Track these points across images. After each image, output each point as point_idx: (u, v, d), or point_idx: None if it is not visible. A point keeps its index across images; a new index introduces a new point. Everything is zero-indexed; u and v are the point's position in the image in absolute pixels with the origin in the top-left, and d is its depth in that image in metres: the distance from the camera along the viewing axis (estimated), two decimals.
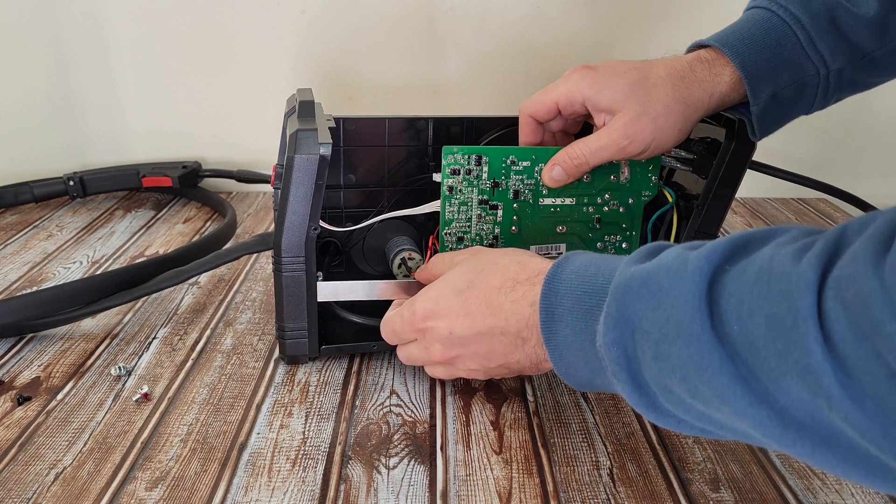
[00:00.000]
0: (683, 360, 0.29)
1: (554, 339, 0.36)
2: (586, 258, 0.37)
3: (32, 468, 0.42)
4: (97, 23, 0.86)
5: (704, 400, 0.29)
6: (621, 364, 0.32)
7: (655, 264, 0.31)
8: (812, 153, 0.93)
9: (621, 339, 0.32)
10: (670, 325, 0.29)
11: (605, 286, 0.33)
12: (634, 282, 0.32)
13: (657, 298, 0.30)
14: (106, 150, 0.92)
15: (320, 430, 0.46)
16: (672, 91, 0.46)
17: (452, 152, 0.49)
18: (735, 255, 0.29)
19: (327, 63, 0.88)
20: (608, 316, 0.32)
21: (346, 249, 0.57)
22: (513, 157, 0.50)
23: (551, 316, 0.36)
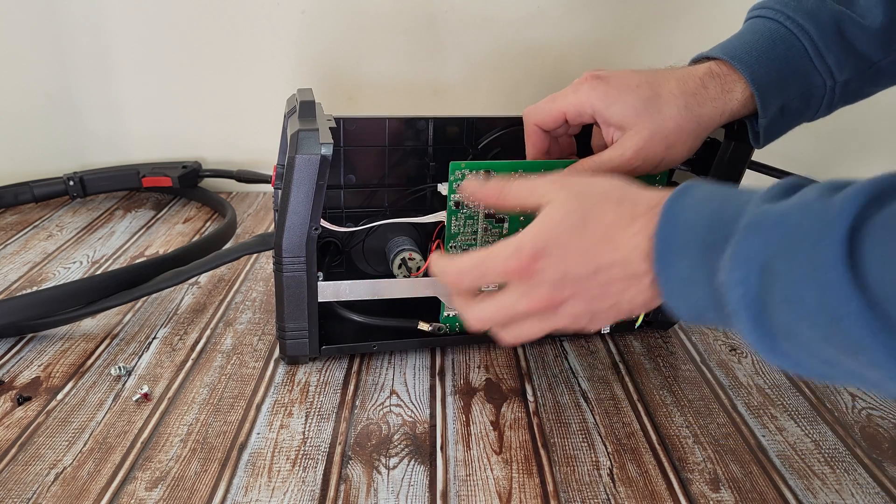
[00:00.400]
0: (817, 305, 0.27)
1: (668, 272, 0.34)
2: (706, 189, 0.35)
3: (32, 468, 0.42)
4: (97, 23, 0.86)
5: (836, 346, 0.28)
6: (745, 304, 0.30)
7: (794, 203, 0.30)
8: (812, 153, 0.93)
9: (747, 278, 0.30)
10: (805, 267, 0.28)
11: (733, 221, 0.32)
12: (768, 220, 0.30)
13: (793, 238, 0.28)
14: (106, 150, 0.92)
15: (320, 430, 0.46)
16: (685, 109, 0.46)
17: (460, 167, 0.48)
18: (884, 197, 0.27)
19: (327, 63, 0.88)
20: (736, 254, 0.31)
21: (346, 249, 0.57)
22: (521, 172, 0.49)
23: (668, 250, 0.34)
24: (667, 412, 0.49)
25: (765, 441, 0.47)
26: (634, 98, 0.45)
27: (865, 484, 0.43)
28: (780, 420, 0.49)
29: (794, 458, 0.45)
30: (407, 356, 0.55)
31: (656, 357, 0.56)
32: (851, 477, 0.44)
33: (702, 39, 0.87)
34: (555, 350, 0.57)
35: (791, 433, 0.48)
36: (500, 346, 0.57)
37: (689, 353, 0.57)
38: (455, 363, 0.54)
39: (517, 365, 0.54)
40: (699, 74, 0.47)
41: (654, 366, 0.55)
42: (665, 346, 0.58)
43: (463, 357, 0.55)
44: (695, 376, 0.54)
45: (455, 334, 0.55)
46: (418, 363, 0.54)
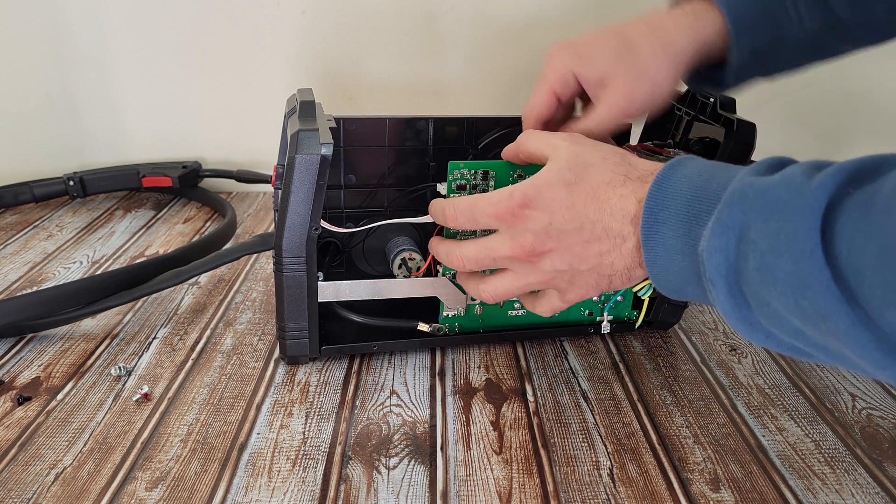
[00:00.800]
0: (789, 274, 0.28)
1: (653, 239, 0.35)
2: (700, 164, 0.36)
3: (32, 468, 0.42)
4: (97, 23, 0.86)
5: (803, 316, 0.29)
6: (720, 271, 0.32)
7: (778, 178, 0.31)
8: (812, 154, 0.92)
9: (725, 246, 0.31)
10: (781, 238, 0.29)
11: (719, 192, 0.33)
12: (751, 190, 0.31)
13: (772, 210, 0.30)
14: (106, 150, 0.92)
15: (320, 430, 0.46)
16: (657, 43, 0.47)
17: (459, 167, 0.48)
18: (862, 178, 0.28)
19: (327, 63, 0.88)
20: (717, 221, 0.32)
21: (346, 249, 0.57)
22: (520, 172, 0.49)
23: (655, 217, 0.35)
24: (667, 412, 0.49)
25: (765, 441, 0.47)
26: (607, 48, 0.47)
27: (865, 484, 0.43)
28: (780, 420, 0.49)
29: (794, 458, 0.45)
30: (407, 356, 0.55)
31: (656, 357, 0.56)
32: (851, 477, 0.44)
33: None
34: (555, 350, 0.57)
35: (791, 433, 0.48)
36: (500, 347, 0.57)
37: (689, 353, 0.57)
38: (455, 363, 0.54)
39: (517, 365, 0.54)
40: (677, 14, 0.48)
41: (654, 366, 0.55)
42: (665, 346, 0.58)
43: (463, 357, 0.55)
44: (695, 376, 0.54)
45: (455, 334, 0.55)
46: (418, 363, 0.54)
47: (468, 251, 0.44)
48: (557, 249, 0.39)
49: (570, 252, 0.39)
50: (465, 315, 0.55)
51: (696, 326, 0.61)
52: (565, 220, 0.39)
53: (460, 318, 0.55)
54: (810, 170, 0.30)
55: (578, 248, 0.39)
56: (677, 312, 0.59)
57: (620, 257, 0.38)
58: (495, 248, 0.42)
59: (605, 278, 0.40)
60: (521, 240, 0.40)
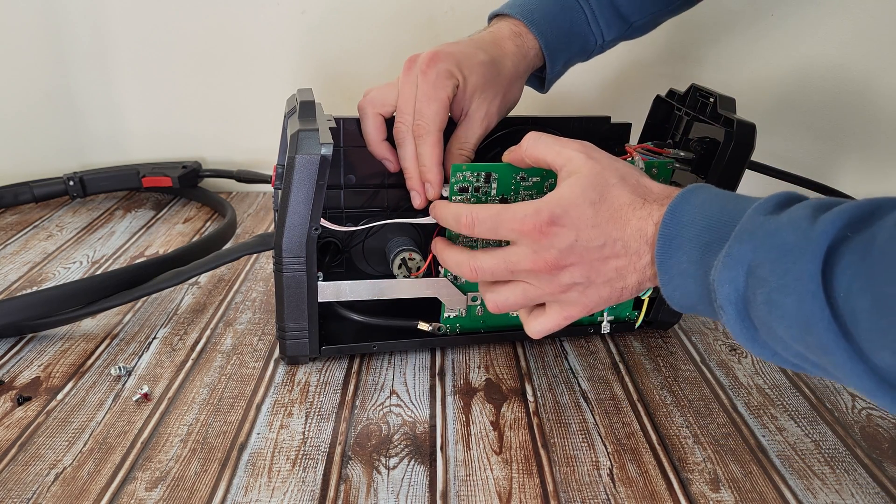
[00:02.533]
0: (794, 311, 0.31)
1: (668, 262, 0.38)
2: (712, 193, 0.38)
3: (32, 468, 0.42)
4: (97, 23, 0.86)
5: (805, 346, 0.32)
6: (730, 300, 0.34)
7: (785, 220, 0.33)
8: (812, 153, 0.93)
9: (735, 278, 0.34)
10: (789, 278, 0.31)
11: (729, 226, 0.35)
12: (760, 231, 0.34)
13: (779, 252, 0.32)
14: (106, 150, 0.92)
15: (320, 430, 0.46)
16: (513, 66, 0.54)
17: (461, 169, 0.48)
18: (860, 223, 0.31)
19: (327, 63, 0.88)
20: (728, 255, 0.34)
21: (346, 249, 0.57)
22: (523, 174, 0.49)
23: (669, 242, 0.38)
24: (667, 412, 0.49)
25: (765, 441, 0.47)
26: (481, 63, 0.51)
27: (865, 484, 0.43)
28: (780, 420, 0.49)
29: (794, 458, 0.45)
30: (407, 356, 0.55)
31: (656, 357, 0.56)
32: (851, 477, 0.44)
33: (701, 39, 0.86)
34: (555, 350, 0.57)
35: (791, 433, 0.48)
36: (500, 347, 0.57)
37: (689, 353, 0.57)
38: (455, 363, 0.54)
39: (517, 365, 0.54)
40: (507, 35, 0.55)
41: (654, 366, 0.55)
42: (665, 346, 0.58)
43: (463, 357, 0.55)
44: (695, 376, 0.54)
45: (455, 334, 0.55)
46: (418, 363, 0.54)
47: (485, 263, 0.44)
48: (578, 264, 0.41)
49: (590, 266, 0.41)
50: (466, 316, 0.55)
51: (696, 326, 0.61)
52: (590, 237, 0.40)
53: (461, 318, 0.55)
54: (814, 212, 0.32)
55: (598, 262, 0.41)
56: (677, 313, 0.59)
57: (635, 272, 0.41)
58: (515, 262, 0.42)
59: (618, 291, 0.42)
60: (546, 255, 0.41)
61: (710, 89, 0.54)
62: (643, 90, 0.89)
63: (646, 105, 0.62)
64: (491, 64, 0.52)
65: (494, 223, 0.43)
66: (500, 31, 0.55)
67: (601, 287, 0.42)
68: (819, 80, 0.89)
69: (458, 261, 0.46)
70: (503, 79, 0.53)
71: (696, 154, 0.53)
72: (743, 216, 0.35)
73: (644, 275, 0.41)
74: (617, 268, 0.41)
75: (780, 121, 0.91)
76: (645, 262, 0.40)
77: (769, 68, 0.89)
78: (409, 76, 0.50)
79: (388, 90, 0.52)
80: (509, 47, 0.54)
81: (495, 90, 0.52)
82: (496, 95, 0.52)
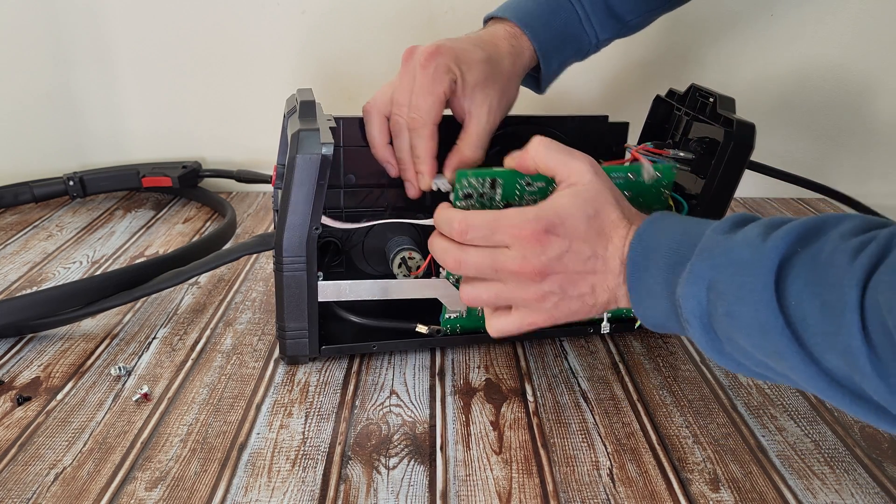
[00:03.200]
0: (751, 320, 0.34)
1: (637, 285, 0.40)
2: (675, 219, 0.41)
3: (32, 468, 0.42)
4: (97, 22, 0.86)
5: (764, 353, 0.34)
6: (695, 314, 0.37)
7: (740, 238, 0.36)
8: (812, 153, 0.93)
9: (697, 293, 0.36)
10: (745, 290, 0.34)
11: (691, 246, 0.38)
12: (718, 248, 0.36)
13: (736, 267, 0.35)
14: (106, 150, 0.92)
15: (320, 430, 0.46)
16: (511, 65, 0.54)
17: (466, 176, 0.48)
18: (808, 238, 0.33)
19: (327, 63, 0.88)
20: (690, 272, 0.37)
21: (346, 249, 0.57)
22: (528, 179, 0.49)
23: (637, 265, 0.40)
24: (667, 412, 0.49)
25: (764, 441, 0.47)
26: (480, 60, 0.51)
27: (865, 484, 0.43)
28: (780, 420, 0.49)
29: (794, 458, 0.45)
30: (407, 356, 0.55)
31: (656, 357, 0.56)
32: (851, 477, 0.44)
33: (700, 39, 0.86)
34: (555, 350, 0.57)
35: (791, 433, 0.48)
36: (499, 347, 0.57)
37: (689, 353, 0.57)
38: (455, 363, 0.54)
39: (517, 365, 0.54)
40: (504, 35, 0.55)
41: (654, 366, 0.55)
42: (665, 346, 0.58)
43: (463, 357, 0.55)
44: (695, 376, 0.54)
45: (455, 334, 0.55)
46: (418, 363, 0.54)
47: (471, 258, 0.44)
48: (561, 274, 0.42)
49: (570, 279, 0.42)
50: (466, 316, 0.55)
51: None
52: (579, 250, 0.42)
53: (462, 319, 0.55)
54: (766, 230, 0.35)
55: (578, 276, 0.42)
56: None
57: (606, 291, 0.43)
58: (502, 262, 0.43)
59: (587, 307, 0.44)
60: (534, 261, 0.42)
61: (709, 89, 0.54)
62: (641, 90, 0.89)
63: (644, 104, 0.62)
64: (489, 61, 0.52)
65: (490, 229, 0.43)
66: (495, 32, 0.55)
67: (573, 300, 0.43)
68: (819, 79, 0.89)
69: (444, 248, 0.45)
70: (502, 76, 0.53)
71: (696, 154, 0.53)
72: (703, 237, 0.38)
73: (613, 294, 0.43)
74: (592, 283, 0.42)
75: (780, 120, 0.91)
76: (617, 283, 0.42)
77: (769, 68, 0.89)
78: (406, 68, 0.51)
79: (390, 91, 0.52)
80: (505, 47, 0.54)
81: (495, 87, 0.53)
82: (497, 92, 0.53)
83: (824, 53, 0.87)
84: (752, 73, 0.89)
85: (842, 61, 0.88)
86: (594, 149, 0.61)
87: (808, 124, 0.91)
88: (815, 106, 0.90)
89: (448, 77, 0.50)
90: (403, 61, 0.51)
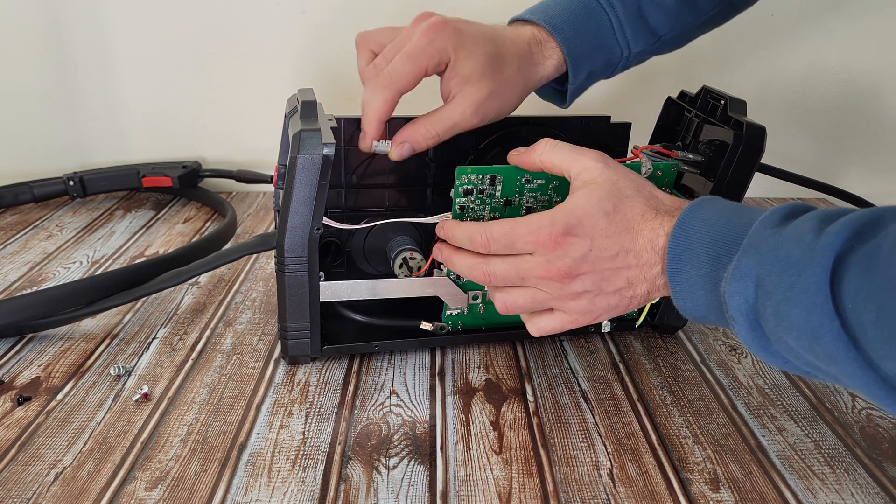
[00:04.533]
0: (802, 322, 0.32)
1: (678, 276, 0.39)
2: (719, 206, 0.39)
3: (32, 468, 0.42)
4: (98, 23, 0.86)
5: (816, 356, 0.33)
6: (741, 311, 0.35)
7: (790, 234, 0.34)
8: (812, 153, 0.93)
9: (744, 290, 0.35)
10: (795, 290, 0.32)
11: (737, 239, 0.36)
12: (766, 245, 0.34)
13: (785, 265, 0.33)
14: (106, 150, 0.92)
15: (320, 430, 0.46)
16: (518, 70, 0.51)
17: (466, 172, 0.48)
18: (864, 234, 0.31)
19: (328, 63, 0.88)
20: (736, 268, 0.35)
21: (347, 249, 0.57)
22: (528, 177, 0.49)
23: (679, 256, 0.39)
24: (667, 412, 0.49)
25: (765, 441, 0.47)
26: (482, 53, 0.49)
27: (865, 484, 0.43)
28: (780, 420, 0.49)
29: (794, 458, 0.45)
30: (407, 356, 0.55)
31: (656, 357, 0.56)
32: (851, 477, 0.44)
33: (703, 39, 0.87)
34: (555, 350, 0.57)
35: (791, 433, 0.48)
36: (499, 346, 0.57)
37: (689, 354, 0.57)
38: (455, 363, 0.54)
39: (517, 365, 0.54)
40: (526, 38, 0.52)
41: (654, 366, 0.55)
42: (665, 347, 0.58)
43: (463, 357, 0.55)
44: (695, 376, 0.54)
45: (457, 332, 0.55)
46: (418, 363, 0.54)
47: (497, 269, 0.44)
48: (590, 273, 0.42)
49: (601, 276, 0.42)
50: (468, 314, 0.55)
51: (696, 327, 0.61)
52: (604, 247, 0.41)
53: (463, 316, 0.55)
54: (819, 224, 0.33)
55: (610, 272, 0.42)
56: (683, 318, 0.59)
57: (645, 282, 0.42)
58: (528, 269, 0.43)
59: (626, 299, 0.43)
60: (559, 264, 0.42)
61: (721, 91, 0.54)
62: (643, 90, 0.89)
63: (645, 105, 0.62)
64: (492, 60, 0.49)
65: (510, 239, 0.43)
66: (520, 33, 0.52)
67: (610, 296, 0.43)
68: (824, 82, 0.89)
69: (470, 265, 0.46)
70: (503, 79, 0.50)
71: (705, 156, 0.53)
72: (750, 229, 0.36)
73: (654, 284, 0.41)
74: (628, 277, 0.42)
75: (781, 121, 0.91)
76: (655, 272, 0.41)
77: (774, 69, 0.89)
78: (413, 27, 0.49)
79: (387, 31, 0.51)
80: (518, 52, 0.51)
81: (488, 86, 0.49)
82: (487, 91, 0.49)
83: (831, 55, 0.88)
84: (754, 73, 0.89)
85: (842, 61, 0.88)
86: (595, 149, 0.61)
87: (810, 125, 0.91)
88: (816, 106, 0.90)
89: (438, 56, 0.48)
90: (414, 20, 0.50)
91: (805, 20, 0.86)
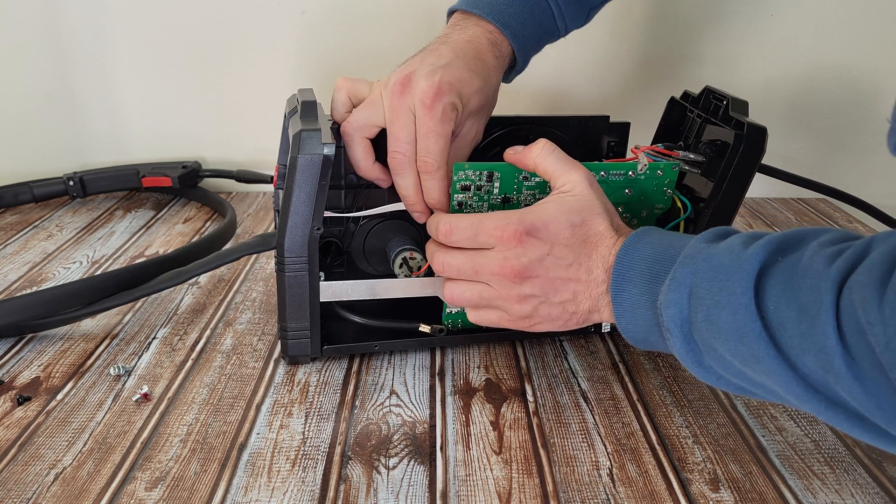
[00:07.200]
0: (729, 323, 0.34)
1: (621, 295, 0.41)
2: (660, 234, 0.42)
3: (32, 468, 0.42)
4: (97, 23, 0.86)
5: (742, 359, 0.35)
6: (676, 322, 0.37)
7: (722, 246, 0.37)
8: (812, 153, 0.93)
9: (679, 300, 0.37)
10: (723, 293, 0.35)
11: (675, 256, 0.39)
12: (700, 255, 0.37)
13: (716, 272, 0.36)
14: (106, 150, 0.92)
15: (320, 430, 0.46)
16: (496, 81, 0.54)
17: (463, 168, 0.48)
18: (787, 248, 0.34)
19: (327, 63, 0.88)
20: (672, 279, 0.38)
21: (347, 249, 0.57)
22: (525, 174, 0.49)
23: (622, 276, 0.41)
24: (667, 412, 0.49)
25: (764, 441, 0.47)
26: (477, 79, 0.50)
27: (865, 484, 0.43)
28: (780, 420, 0.49)
29: (794, 458, 0.45)
30: (407, 356, 0.55)
31: (656, 357, 0.56)
32: (851, 477, 0.44)
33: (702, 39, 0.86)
34: (554, 350, 0.57)
35: (791, 433, 0.48)
36: (499, 346, 0.57)
37: None
38: (455, 363, 0.54)
39: (517, 365, 0.54)
40: (486, 46, 0.53)
41: (654, 366, 0.55)
42: None
43: (463, 357, 0.55)
44: (694, 376, 0.54)
45: (457, 332, 0.55)
46: (418, 363, 0.54)
47: (453, 260, 0.46)
48: (541, 278, 0.43)
49: (552, 284, 0.43)
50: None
51: None
52: (561, 255, 0.43)
53: (463, 314, 0.55)
54: (748, 240, 0.36)
55: (560, 282, 0.43)
56: None
57: (588, 299, 0.43)
58: (483, 265, 0.45)
59: (567, 314, 0.45)
60: (515, 262, 0.43)
61: (723, 92, 0.54)
62: (642, 90, 0.90)
63: (644, 104, 0.62)
64: (484, 87, 0.51)
65: (474, 230, 0.45)
66: (478, 42, 0.52)
67: (554, 306, 0.44)
68: (824, 82, 0.89)
69: (431, 250, 0.48)
70: (492, 96, 0.54)
71: (706, 157, 0.53)
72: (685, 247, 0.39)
73: (596, 304, 0.43)
74: (574, 291, 0.43)
75: (781, 121, 0.91)
76: (601, 291, 0.43)
77: (771, 68, 0.89)
78: (402, 102, 0.47)
79: (372, 112, 0.49)
80: (491, 61, 0.53)
81: (486, 111, 0.53)
82: (486, 115, 0.54)
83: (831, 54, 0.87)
84: (753, 73, 0.89)
85: (842, 61, 0.88)
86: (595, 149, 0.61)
87: (809, 125, 0.91)
88: (816, 106, 0.90)
89: (454, 114, 0.48)
90: (396, 93, 0.47)
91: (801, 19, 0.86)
